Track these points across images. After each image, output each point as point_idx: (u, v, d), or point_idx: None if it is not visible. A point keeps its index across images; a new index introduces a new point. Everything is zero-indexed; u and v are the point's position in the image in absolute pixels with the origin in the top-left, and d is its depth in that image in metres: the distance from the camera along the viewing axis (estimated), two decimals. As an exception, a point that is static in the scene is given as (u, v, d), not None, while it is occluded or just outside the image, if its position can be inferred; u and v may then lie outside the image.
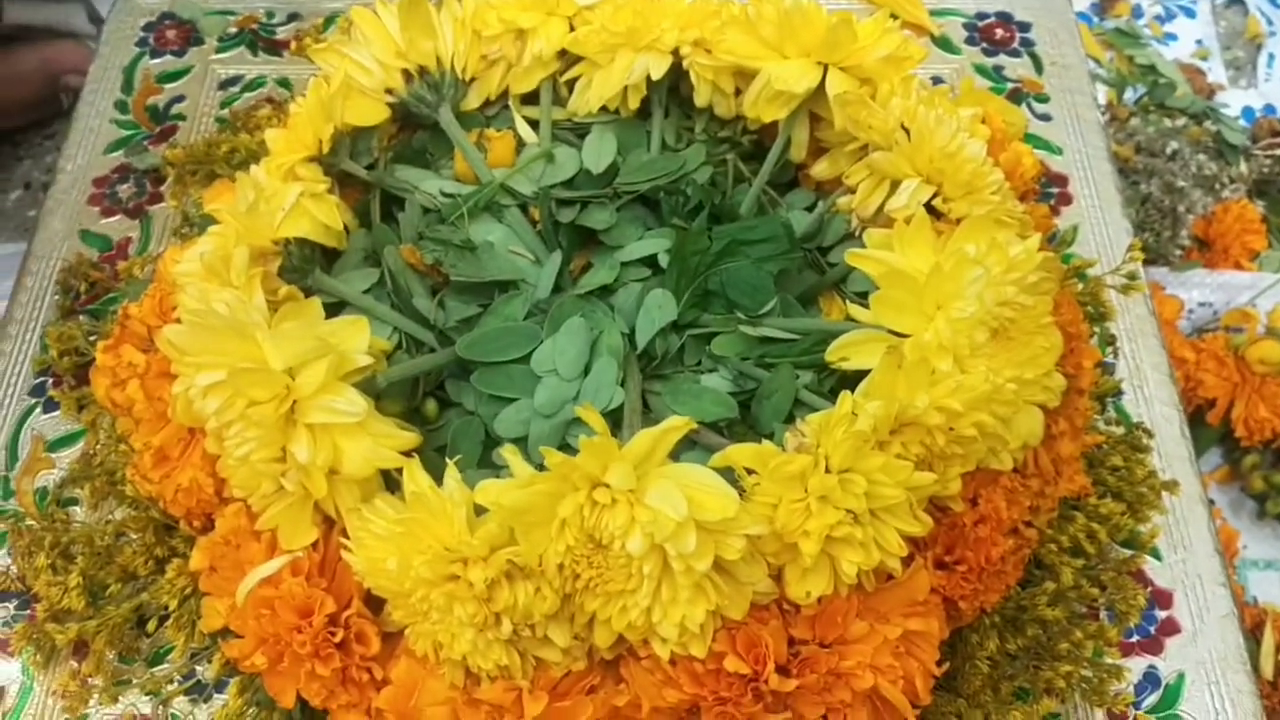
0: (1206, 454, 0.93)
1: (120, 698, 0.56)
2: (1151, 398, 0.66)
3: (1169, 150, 0.94)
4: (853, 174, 0.56)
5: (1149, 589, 0.60)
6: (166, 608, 0.56)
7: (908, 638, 0.48)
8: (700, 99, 0.61)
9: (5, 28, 0.98)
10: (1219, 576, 0.60)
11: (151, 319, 0.55)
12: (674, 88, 0.63)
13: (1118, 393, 0.65)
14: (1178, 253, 0.93)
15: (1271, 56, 1.14)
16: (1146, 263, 0.94)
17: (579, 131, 0.62)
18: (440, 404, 0.55)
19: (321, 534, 0.50)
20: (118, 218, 0.72)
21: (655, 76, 0.60)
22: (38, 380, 0.66)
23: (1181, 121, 0.99)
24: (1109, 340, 0.66)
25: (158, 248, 0.70)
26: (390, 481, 0.49)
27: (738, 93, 0.61)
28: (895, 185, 0.54)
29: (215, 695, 0.56)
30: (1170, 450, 0.64)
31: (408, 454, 0.48)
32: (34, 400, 0.65)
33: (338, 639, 0.48)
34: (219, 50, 0.80)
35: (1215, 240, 0.96)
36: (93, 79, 0.79)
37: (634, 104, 0.62)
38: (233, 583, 0.50)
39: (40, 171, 1.04)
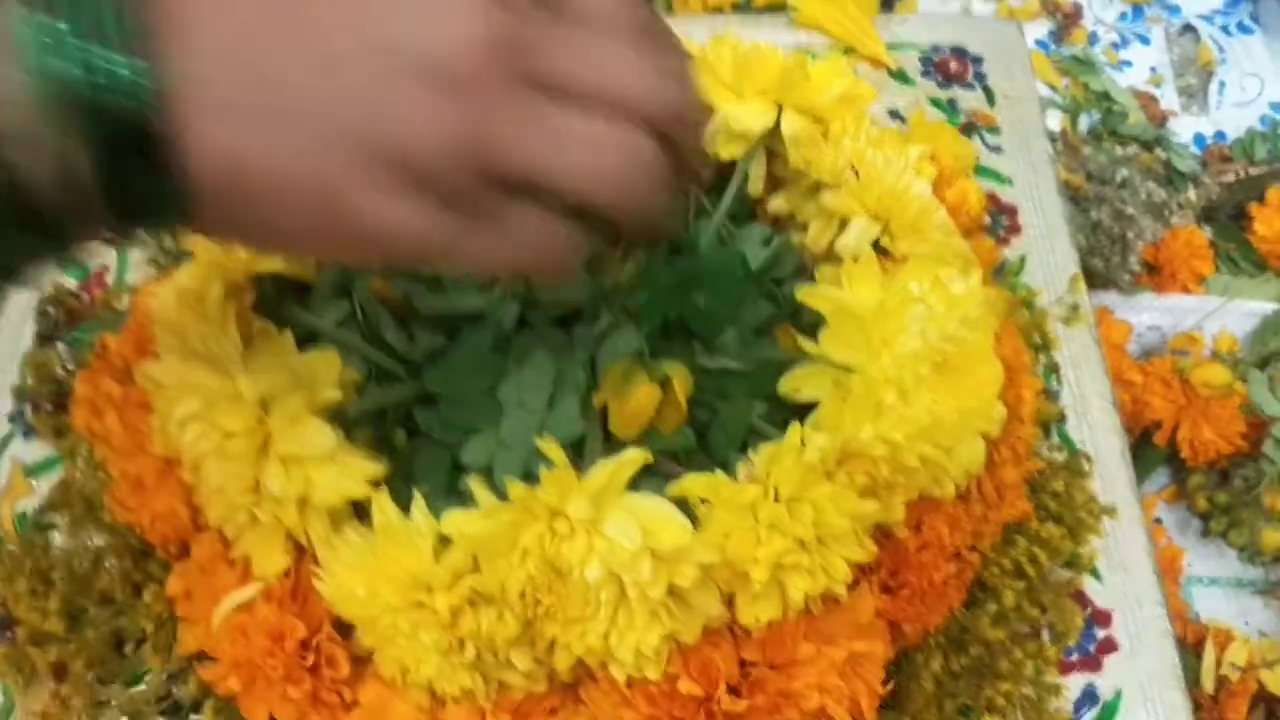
0: (1154, 474, 0.96)
1: (99, 718, 0.58)
2: (1095, 424, 0.68)
3: (1119, 178, 0.97)
4: (805, 212, 0.59)
5: (1089, 609, 0.62)
6: (144, 631, 0.57)
7: (853, 659, 0.50)
8: (661, 137, 0.63)
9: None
10: (1157, 597, 0.63)
11: (129, 351, 0.57)
12: (636, 124, 0.65)
13: (1062, 419, 0.68)
14: (1127, 277, 0.96)
15: (1223, 84, 1.17)
16: (1097, 287, 0.96)
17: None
18: (408, 431, 0.56)
19: (293, 561, 0.52)
20: (94, 245, 0.74)
21: (618, 115, 0.62)
22: (17, 408, 0.68)
23: (1132, 149, 1.02)
24: (1053, 368, 0.69)
25: (134, 276, 0.72)
26: (359, 509, 0.51)
27: (697, 130, 0.63)
28: (845, 223, 0.57)
29: (191, 716, 0.58)
30: (1112, 475, 0.67)
31: (378, 484, 0.50)
32: (12, 427, 0.67)
33: (309, 662, 0.50)
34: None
35: (1164, 265, 0.98)
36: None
37: (598, 140, 0.64)
38: (207, 608, 0.52)
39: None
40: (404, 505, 0.48)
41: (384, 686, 0.50)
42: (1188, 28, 1.21)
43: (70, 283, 0.72)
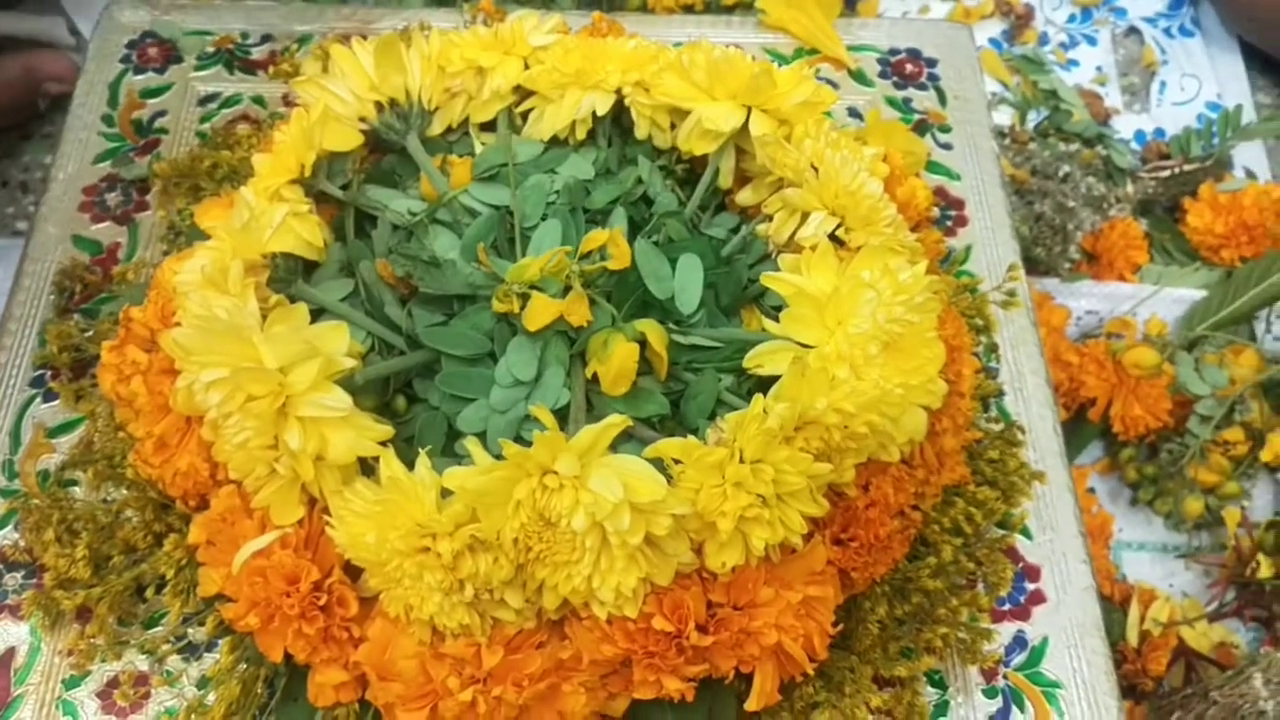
0: (1089, 447, 1.02)
1: (120, 657, 0.63)
2: (1030, 399, 0.74)
3: (1062, 173, 1.03)
4: (770, 204, 0.64)
5: (1020, 564, 0.68)
6: (163, 577, 0.62)
7: (808, 602, 0.56)
8: (640, 132, 0.69)
9: (-10, 38, 1.04)
10: (1081, 555, 0.69)
11: (154, 322, 0.61)
12: (616, 120, 0.71)
13: (1000, 394, 0.74)
14: (1067, 266, 1.02)
15: (1164, 84, 1.23)
16: (1039, 274, 1.03)
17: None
18: (408, 400, 0.62)
19: (306, 512, 0.57)
20: (107, 224, 0.79)
21: (600, 112, 0.68)
22: (36, 373, 0.72)
23: (1075, 146, 1.09)
24: (992, 348, 0.75)
25: (145, 252, 0.77)
26: (365, 467, 0.56)
27: (673, 126, 0.69)
28: (805, 216, 0.62)
29: (205, 654, 0.63)
30: (1044, 445, 0.73)
31: (383, 444, 0.55)
32: (34, 391, 0.72)
33: (321, 602, 0.55)
34: (198, 68, 0.87)
35: (1102, 254, 1.05)
36: (80, 93, 0.85)
37: (581, 135, 0.69)
38: (228, 554, 0.57)
39: (18, 170, 1.09)
40: (406, 464, 0.54)
41: (389, 623, 0.55)
42: (1132, 30, 1.28)
43: (84, 257, 0.76)
